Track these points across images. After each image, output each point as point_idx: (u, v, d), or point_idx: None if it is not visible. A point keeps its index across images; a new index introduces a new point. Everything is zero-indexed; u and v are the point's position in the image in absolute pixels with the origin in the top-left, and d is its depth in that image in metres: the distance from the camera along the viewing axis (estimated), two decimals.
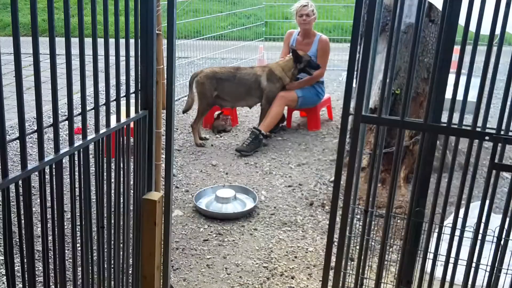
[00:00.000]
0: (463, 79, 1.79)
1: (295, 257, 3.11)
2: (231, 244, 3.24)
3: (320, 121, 5.63)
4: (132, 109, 2.11)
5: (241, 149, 4.81)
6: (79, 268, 1.88)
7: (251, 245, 3.24)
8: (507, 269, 1.86)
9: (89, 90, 1.77)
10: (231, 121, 5.58)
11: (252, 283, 2.83)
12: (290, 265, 3.03)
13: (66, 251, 1.80)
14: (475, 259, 1.89)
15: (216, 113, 5.49)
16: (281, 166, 4.56)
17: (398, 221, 2.85)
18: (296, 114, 5.79)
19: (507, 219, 1.84)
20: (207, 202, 3.78)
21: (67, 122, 1.75)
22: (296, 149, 4.98)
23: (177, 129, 5.44)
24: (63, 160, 1.72)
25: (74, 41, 1.62)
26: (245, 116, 5.96)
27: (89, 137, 1.83)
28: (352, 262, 2.28)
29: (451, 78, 1.82)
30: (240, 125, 5.68)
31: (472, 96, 1.78)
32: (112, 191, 2.01)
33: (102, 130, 1.91)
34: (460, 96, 1.81)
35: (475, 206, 1.91)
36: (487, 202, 1.86)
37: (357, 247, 2.06)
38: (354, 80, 1.96)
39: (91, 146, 1.87)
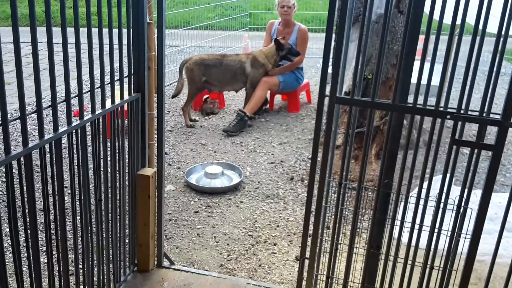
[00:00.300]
0: (427, 65, 1.79)
1: (277, 226, 3.13)
2: (219, 215, 3.25)
3: (300, 104, 5.62)
4: (126, 93, 2.08)
5: (227, 129, 4.80)
6: (79, 238, 1.87)
7: (237, 216, 3.24)
8: (466, 234, 1.89)
9: (86, 77, 1.73)
10: (218, 104, 5.55)
11: (238, 249, 2.85)
12: (272, 233, 3.04)
13: (67, 222, 1.78)
14: (437, 225, 1.92)
15: (205, 97, 5.45)
16: (264, 144, 4.55)
17: (369, 192, 2.88)
18: (278, 97, 5.78)
19: (466, 189, 1.87)
20: (197, 177, 3.76)
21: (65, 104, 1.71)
22: (278, 129, 4.97)
23: (169, 111, 5.40)
24: (62, 139, 1.70)
25: (70, 30, 1.59)
26: (231, 100, 5.92)
27: (86, 117, 1.80)
28: (328, 230, 2.30)
29: (417, 65, 1.82)
30: (227, 108, 5.65)
31: (436, 81, 1.79)
32: (109, 168, 1.99)
33: (98, 111, 1.88)
34: (424, 81, 1.81)
35: (437, 180, 1.93)
36: (448, 173, 1.88)
37: (332, 217, 2.08)
38: (330, 67, 1.95)
39: (88, 126, 1.84)
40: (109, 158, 1.99)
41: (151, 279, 2.25)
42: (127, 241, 2.24)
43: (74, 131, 1.75)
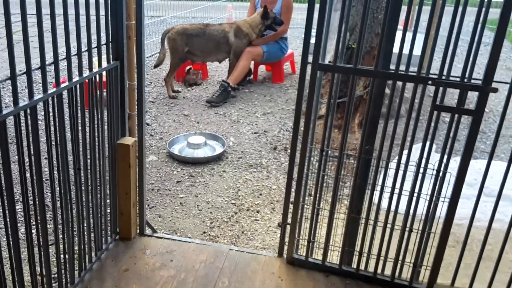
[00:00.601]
0: (410, 35, 1.78)
1: (260, 194, 3.14)
2: (202, 185, 3.24)
3: (284, 75, 5.58)
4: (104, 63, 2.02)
5: (211, 100, 4.75)
6: (59, 208, 1.84)
7: (220, 185, 3.24)
8: (444, 198, 1.91)
9: (63, 50, 1.67)
10: (201, 75, 5.48)
11: (221, 217, 2.85)
12: (255, 201, 3.05)
13: (46, 192, 1.74)
14: (417, 190, 1.94)
15: (187, 67, 5.37)
16: (248, 115, 4.52)
17: (352, 160, 2.89)
18: (262, 68, 5.72)
19: (445, 154, 1.88)
20: (180, 148, 3.74)
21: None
22: (262, 100, 4.94)
23: (151, 83, 5.31)
24: (38, 108, 1.65)
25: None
26: (214, 71, 5.85)
27: (62, 85, 1.75)
28: (310, 197, 2.31)
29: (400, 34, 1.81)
30: (210, 79, 5.58)
31: (418, 51, 1.79)
32: (87, 136, 1.95)
33: (75, 78, 1.83)
34: (407, 50, 1.81)
35: (418, 148, 1.94)
36: (429, 139, 1.88)
37: (314, 183, 2.08)
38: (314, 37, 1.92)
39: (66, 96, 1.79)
40: (87, 127, 1.95)
41: (133, 247, 2.24)
42: (108, 210, 2.22)
43: (50, 98, 1.70)
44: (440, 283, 2.10)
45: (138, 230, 2.35)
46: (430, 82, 1.81)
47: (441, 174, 1.90)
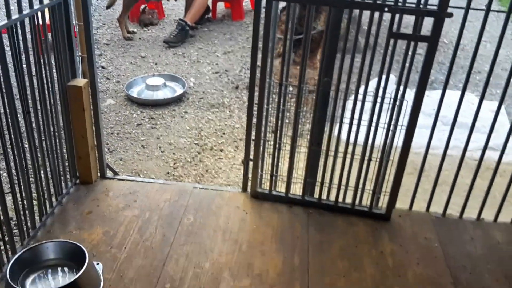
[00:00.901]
0: None
1: (223, 133, 3.13)
2: (164, 126, 3.20)
3: (244, 12, 5.43)
4: None
5: (168, 40, 4.60)
6: (11, 156, 1.78)
7: (182, 126, 3.21)
8: (401, 126, 1.96)
9: None
10: (157, 14, 5.26)
11: (184, 157, 2.85)
12: (219, 140, 3.05)
13: None
14: (375, 119, 1.97)
15: (142, 6, 5.14)
16: (208, 55, 4.42)
17: (313, 96, 2.89)
18: (220, 5, 5.54)
19: (402, 84, 1.91)
20: (139, 90, 3.64)
21: None
22: (222, 38, 4.82)
23: (104, 24, 5.07)
24: None
25: None
26: (171, 9, 5.62)
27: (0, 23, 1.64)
28: (273, 134, 2.32)
29: None
30: (167, 18, 5.37)
31: None
32: (34, 78, 1.86)
33: (15, 16, 1.71)
34: None
35: (375, 82, 1.95)
36: (386, 70, 1.90)
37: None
38: None
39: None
40: (33, 68, 1.85)
41: (95, 190, 2.22)
42: (65, 155, 2.17)
43: None
44: (399, 208, 2.20)
45: (99, 174, 2.33)
46: (386, 9, 1.80)
47: (398, 102, 1.93)
